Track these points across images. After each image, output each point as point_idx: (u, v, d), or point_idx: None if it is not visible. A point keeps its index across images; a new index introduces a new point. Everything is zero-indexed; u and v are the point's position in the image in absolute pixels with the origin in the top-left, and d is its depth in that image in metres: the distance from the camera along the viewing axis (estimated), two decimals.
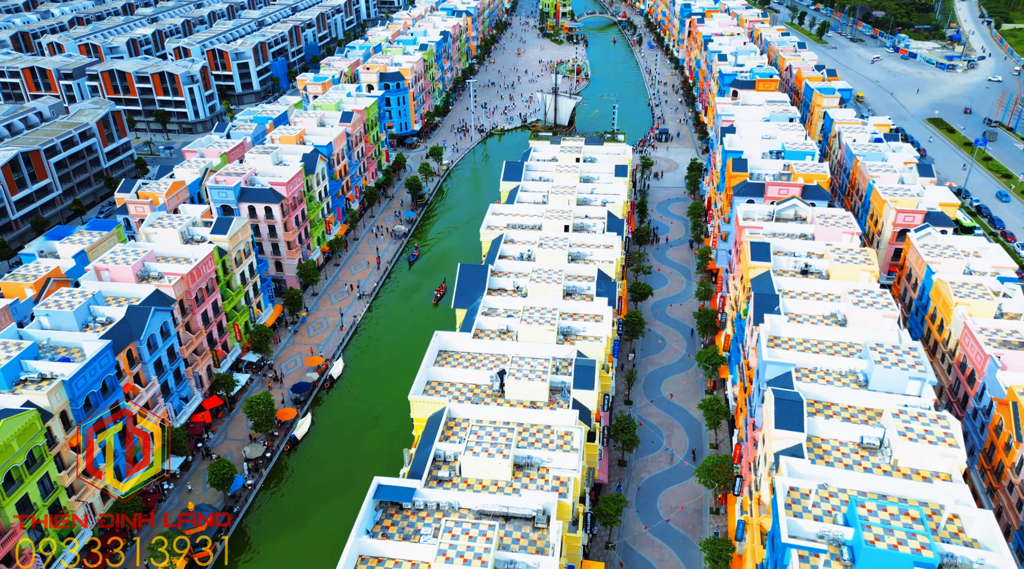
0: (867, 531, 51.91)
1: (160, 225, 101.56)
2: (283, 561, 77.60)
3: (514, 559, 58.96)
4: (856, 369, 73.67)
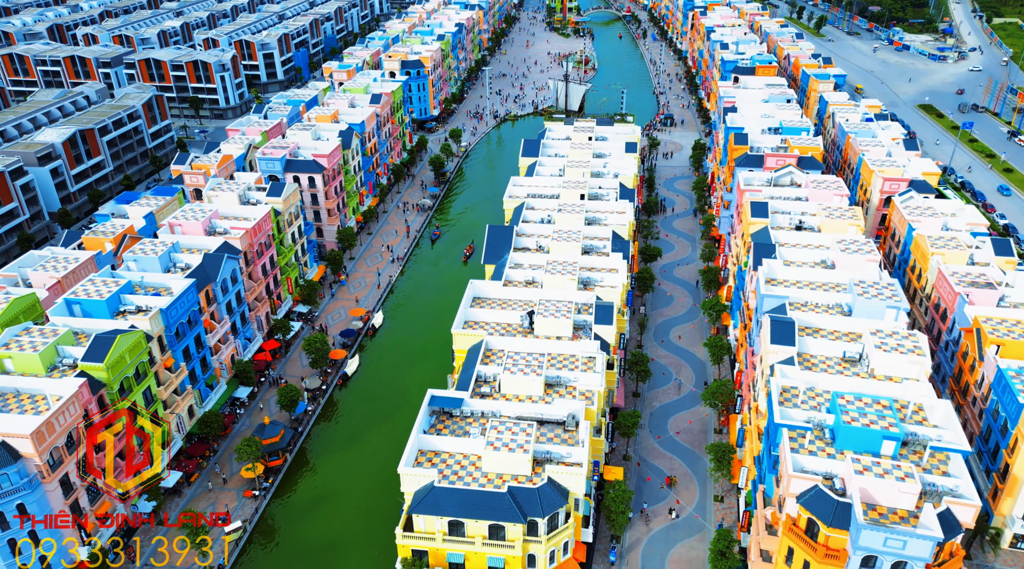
0: (845, 415, 63.44)
1: (220, 189, 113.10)
2: (337, 473, 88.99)
3: (550, 450, 70.54)
4: (841, 302, 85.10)
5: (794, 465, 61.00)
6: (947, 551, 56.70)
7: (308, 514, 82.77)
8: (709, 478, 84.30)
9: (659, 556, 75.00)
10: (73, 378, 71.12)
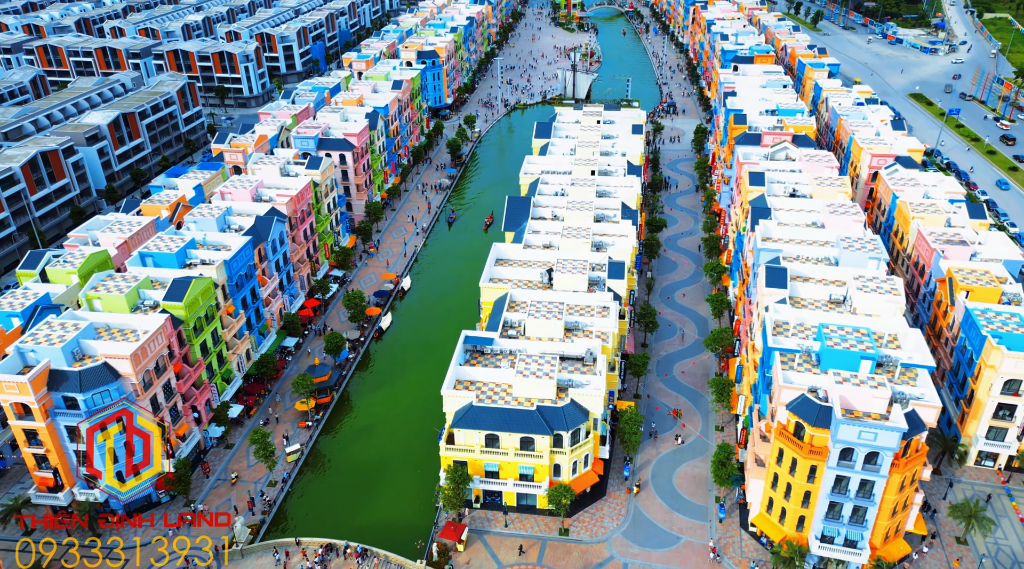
0: (829, 340, 73.85)
1: (262, 163, 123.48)
2: (377, 409, 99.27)
3: (571, 378, 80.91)
4: (829, 255, 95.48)
5: (784, 379, 71.40)
6: (913, 447, 66.99)
7: (354, 442, 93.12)
8: (711, 411, 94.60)
9: (667, 473, 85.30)
10: (157, 314, 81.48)
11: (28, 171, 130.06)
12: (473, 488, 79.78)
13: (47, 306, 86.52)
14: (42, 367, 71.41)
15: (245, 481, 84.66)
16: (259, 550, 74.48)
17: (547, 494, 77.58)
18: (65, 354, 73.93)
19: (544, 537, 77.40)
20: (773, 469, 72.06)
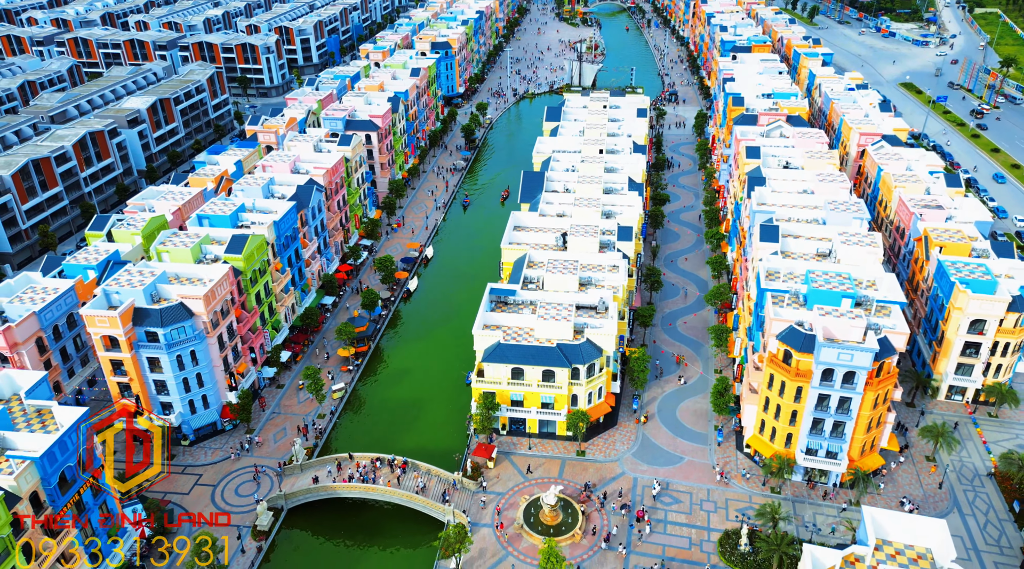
0: (815, 283, 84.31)
1: (297, 140, 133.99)
2: (410, 358, 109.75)
3: (586, 322, 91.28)
4: (817, 217, 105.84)
5: (775, 313, 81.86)
6: (885, 369, 77.41)
7: (391, 385, 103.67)
8: (711, 357, 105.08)
9: (671, 407, 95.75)
10: (220, 265, 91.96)
11: (78, 150, 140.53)
12: (500, 416, 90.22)
13: (117, 261, 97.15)
14: (128, 305, 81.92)
15: (296, 414, 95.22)
16: (316, 465, 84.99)
17: (566, 420, 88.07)
18: (145, 295, 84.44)
19: (563, 457, 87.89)
20: (765, 394, 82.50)
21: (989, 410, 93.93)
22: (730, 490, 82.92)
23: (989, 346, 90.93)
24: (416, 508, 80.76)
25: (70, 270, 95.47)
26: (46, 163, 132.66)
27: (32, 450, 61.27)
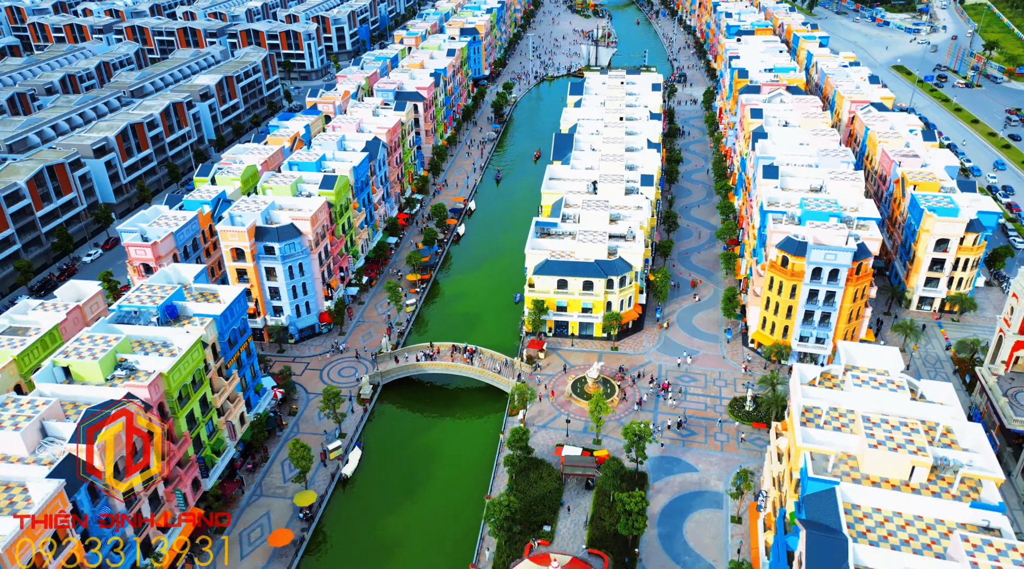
0: (807, 206, 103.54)
1: (358, 107, 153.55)
2: (464, 285, 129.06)
3: (618, 244, 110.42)
4: (811, 162, 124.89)
5: (774, 227, 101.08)
6: (863, 269, 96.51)
7: (451, 304, 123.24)
8: (721, 281, 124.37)
9: (687, 318, 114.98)
10: (316, 197, 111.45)
11: (164, 118, 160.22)
12: (547, 320, 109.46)
13: (224, 199, 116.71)
14: (251, 223, 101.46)
15: (377, 321, 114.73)
16: (402, 352, 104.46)
17: (603, 321, 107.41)
18: (262, 217, 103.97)
19: (600, 351, 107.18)
20: (766, 295, 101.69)
21: (952, 316, 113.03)
22: (738, 372, 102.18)
23: (952, 262, 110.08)
24: (485, 381, 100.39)
25: (189, 205, 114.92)
26: (139, 128, 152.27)
27: (212, 312, 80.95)
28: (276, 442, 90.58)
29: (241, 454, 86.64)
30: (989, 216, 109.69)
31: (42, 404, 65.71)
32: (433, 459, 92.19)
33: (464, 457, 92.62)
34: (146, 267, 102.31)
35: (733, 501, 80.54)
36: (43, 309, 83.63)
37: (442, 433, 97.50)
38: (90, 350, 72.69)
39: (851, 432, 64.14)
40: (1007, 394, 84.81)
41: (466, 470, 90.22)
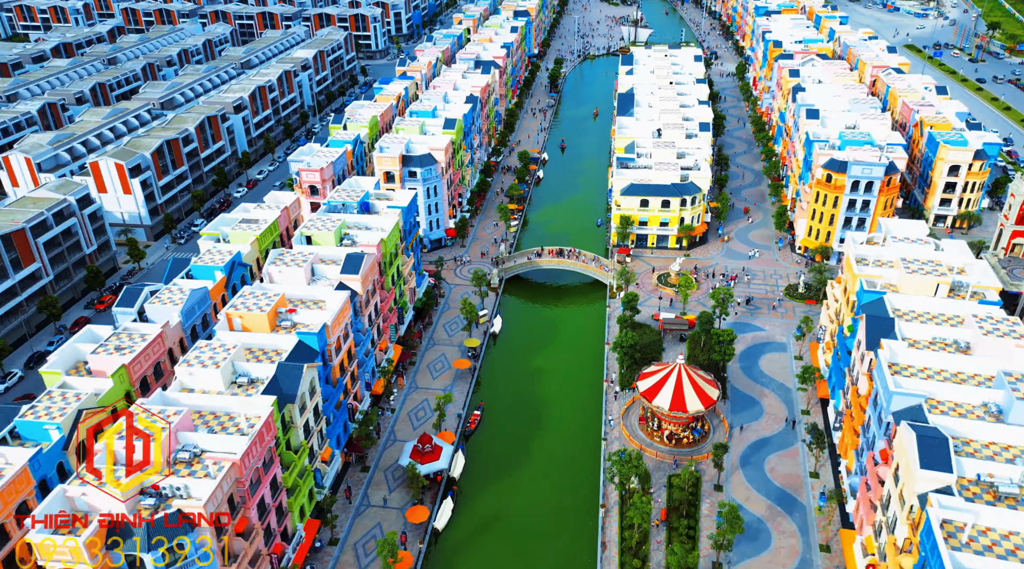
0: (846, 135, 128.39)
1: (448, 72, 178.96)
2: (550, 215, 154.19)
3: (687, 173, 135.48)
4: (845, 108, 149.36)
5: (819, 151, 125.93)
6: (892, 182, 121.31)
7: (542, 230, 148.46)
8: (770, 207, 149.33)
9: (743, 234, 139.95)
10: (440, 136, 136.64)
11: (280, 84, 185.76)
12: (630, 233, 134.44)
13: (359, 141, 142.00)
14: (398, 152, 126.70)
15: (488, 239, 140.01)
16: (516, 256, 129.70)
17: (678, 232, 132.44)
18: (406, 149, 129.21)
19: (676, 256, 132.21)
20: (812, 206, 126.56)
21: (961, 230, 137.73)
22: (790, 269, 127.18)
23: (962, 185, 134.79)
24: (588, 274, 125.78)
25: (334, 143, 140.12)
26: (262, 91, 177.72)
27: (399, 204, 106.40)
28: (436, 312, 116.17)
29: (413, 319, 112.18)
30: (992, 146, 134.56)
31: (308, 253, 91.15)
32: (555, 324, 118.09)
33: (579, 324, 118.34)
34: (312, 189, 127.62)
35: (796, 344, 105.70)
36: (260, 209, 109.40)
37: (557, 311, 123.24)
38: (322, 226, 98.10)
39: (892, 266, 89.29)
40: (1005, 268, 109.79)
41: (584, 329, 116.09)
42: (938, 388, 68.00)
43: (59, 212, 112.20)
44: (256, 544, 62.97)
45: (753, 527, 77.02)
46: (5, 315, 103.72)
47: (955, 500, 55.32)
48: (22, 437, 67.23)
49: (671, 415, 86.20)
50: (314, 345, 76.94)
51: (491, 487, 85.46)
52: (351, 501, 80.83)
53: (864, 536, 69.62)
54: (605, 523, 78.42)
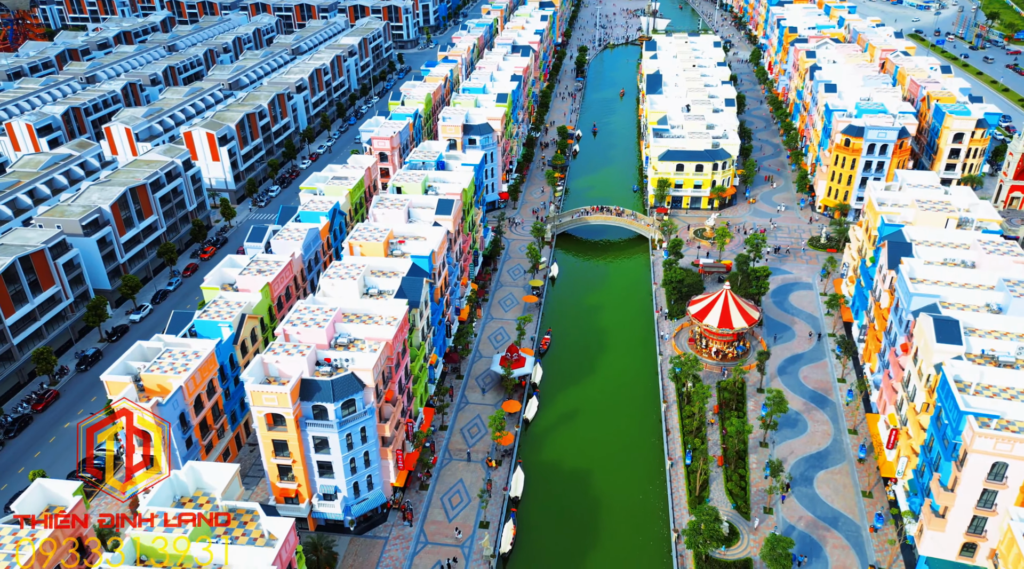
0: (861, 106, 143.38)
1: (489, 55, 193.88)
2: (588, 183, 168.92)
3: (717, 141, 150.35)
4: (857, 84, 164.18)
5: (839, 117, 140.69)
6: (904, 146, 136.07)
7: (584, 193, 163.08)
8: (791, 174, 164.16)
9: (768, 197, 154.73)
10: (494, 108, 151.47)
11: (334, 66, 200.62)
12: (667, 194, 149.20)
13: (418, 114, 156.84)
14: (459, 121, 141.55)
15: (536, 201, 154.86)
16: (566, 214, 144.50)
17: (710, 194, 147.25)
18: (466, 119, 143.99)
19: (709, 215, 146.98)
20: (831, 169, 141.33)
21: None
22: (814, 225, 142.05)
23: (965, 151, 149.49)
24: (631, 229, 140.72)
25: (396, 116, 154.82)
26: (318, 73, 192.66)
27: (471, 161, 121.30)
28: (500, 260, 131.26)
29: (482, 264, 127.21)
30: (992, 116, 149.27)
31: (404, 199, 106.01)
32: (605, 271, 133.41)
33: (626, 270, 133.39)
34: (382, 155, 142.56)
35: (821, 283, 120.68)
36: (346, 169, 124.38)
37: (606, 260, 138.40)
38: (408, 179, 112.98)
39: (908, 206, 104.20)
40: (1004, 218, 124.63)
41: (632, 273, 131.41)
42: (949, 292, 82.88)
43: (169, 172, 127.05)
44: (398, 411, 77.88)
45: (792, 418, 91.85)
46: (132, 259, 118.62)
47: (965, 364, 70.16)
48: (198, 334, 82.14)
49: (719, 332, 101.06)
50: (424, 266, 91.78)
51: (566, 390, 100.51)
52: (453, 398, 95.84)
53: (887, 414, 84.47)
54: (667, 415, 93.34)
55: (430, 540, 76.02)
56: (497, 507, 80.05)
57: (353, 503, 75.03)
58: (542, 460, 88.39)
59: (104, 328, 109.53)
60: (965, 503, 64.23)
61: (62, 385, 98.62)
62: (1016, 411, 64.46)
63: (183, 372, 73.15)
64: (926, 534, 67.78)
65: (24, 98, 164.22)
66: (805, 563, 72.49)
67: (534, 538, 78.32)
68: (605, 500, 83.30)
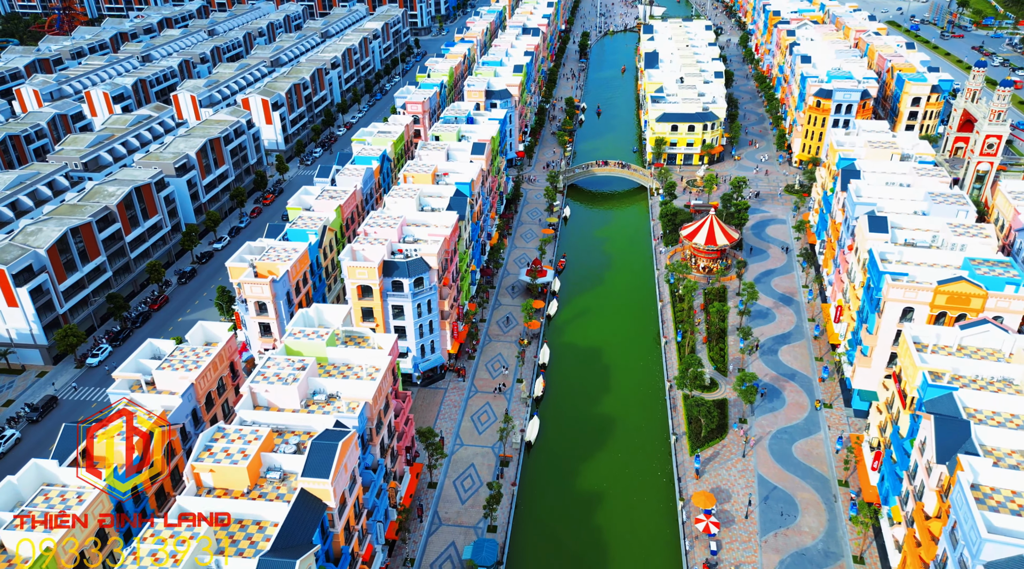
0: (831, 73, 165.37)
1: (502, 37, 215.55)
2: (594, 146, 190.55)
3: (707, 105, 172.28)
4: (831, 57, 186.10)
5: (812, 82, 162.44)
6: (867, 106, 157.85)
7: (590, 154, 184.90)
8: (771, 139, 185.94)
9: (751, 155, 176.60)
10: (512, 77, 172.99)
11: (361, 46, 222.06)
12: (664, 151, 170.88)
13: (442, 85, 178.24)
14: (482, 88, 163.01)
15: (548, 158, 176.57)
16: (575, 167, 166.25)
17: (700, 151, 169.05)
18: (487, 86, 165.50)
19: (698, 168, 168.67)
20: (805, 127, 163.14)
21: None
22: (789, 177, 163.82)
23: (922, 113, 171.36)
24: (633, 180, 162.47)
25: (424, 86, 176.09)
26: (349, 52, 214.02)
27: (496, 117, 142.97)
28: (519, 204, 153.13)
29: (505, 207, 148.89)
30: (946, 83, 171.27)
31: (443, 145, 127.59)
32: (611, 213, 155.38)
33: (629, 212, 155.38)
34: (415, 118, 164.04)
35: (793, 219, 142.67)
36: (387, 125, 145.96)
37: (610, 206, 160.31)
38: (445, 131, 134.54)
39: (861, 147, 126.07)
40: (948, 164, 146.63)
41: (633, 215, 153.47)
42: (885, 203, 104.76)
43: (236, 129, 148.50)
44: (452, 293, 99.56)
45: (763, 312, 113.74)
46: (209, 200, 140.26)
47: (889, 245, 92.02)
48: (290, 240, 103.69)
49: (705, 250, 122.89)
50: (465, 192, 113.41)
51: (581, 295, 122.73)
52: (488, 300, 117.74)
53: (836, 300, 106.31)
54: (663, 310, 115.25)
55: (479, 390, 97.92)
56: (530, 369, 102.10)
57: (420, 362, 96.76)
58: (563, 341, 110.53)
59: (195, 252, 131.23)
60: (884, 341, 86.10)
61: (169, 292, 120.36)
62: (923, 273, 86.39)
63: (287, 261, 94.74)
64: (857, 371, 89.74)
65: (93, 72, 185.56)
66: (766, 395, 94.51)
67: (560, 394, 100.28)
68: (613, 367, 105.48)
